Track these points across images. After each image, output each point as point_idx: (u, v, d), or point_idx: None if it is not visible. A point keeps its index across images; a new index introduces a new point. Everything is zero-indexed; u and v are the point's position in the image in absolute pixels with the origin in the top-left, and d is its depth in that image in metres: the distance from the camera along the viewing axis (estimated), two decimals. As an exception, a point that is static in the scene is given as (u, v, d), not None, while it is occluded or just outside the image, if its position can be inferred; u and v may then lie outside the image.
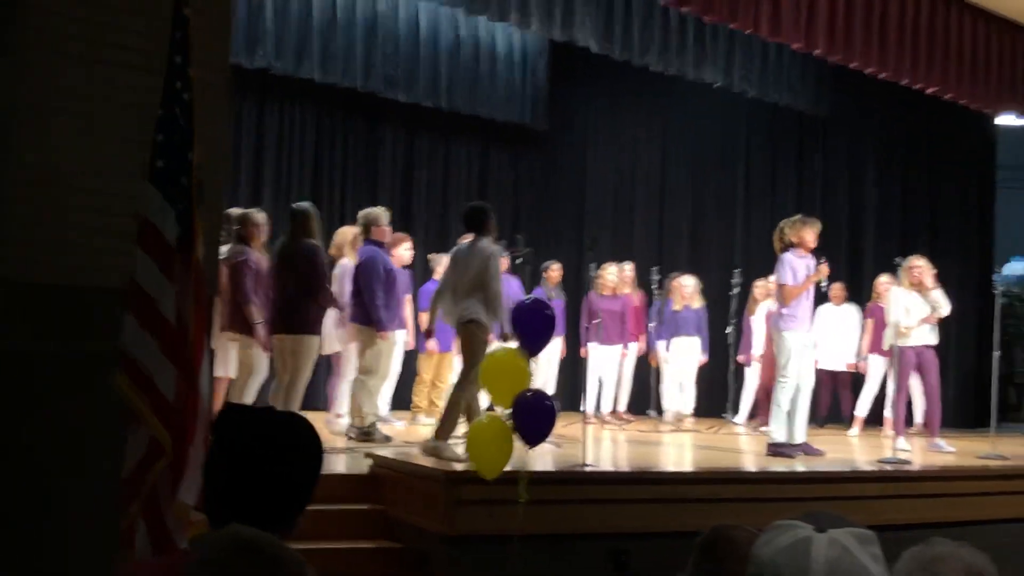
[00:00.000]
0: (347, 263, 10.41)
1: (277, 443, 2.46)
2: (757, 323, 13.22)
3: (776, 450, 9.69)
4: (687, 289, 13.38)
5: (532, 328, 7.39)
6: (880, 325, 12.70)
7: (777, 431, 9.77)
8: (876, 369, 12.97)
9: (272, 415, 2.59)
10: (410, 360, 12.09)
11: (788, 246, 9.85)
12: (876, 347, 12.82)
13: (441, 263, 12.08)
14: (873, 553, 2.05)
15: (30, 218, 5.68)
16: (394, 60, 13.83)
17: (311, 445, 2.54)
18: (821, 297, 13.53)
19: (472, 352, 8.15)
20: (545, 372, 12.64)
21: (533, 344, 7.38)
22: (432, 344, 11.68)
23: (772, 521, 2.18)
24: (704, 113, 15.82)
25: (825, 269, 9.83)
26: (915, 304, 11.02)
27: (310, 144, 13.93)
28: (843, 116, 15.42)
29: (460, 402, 8.12)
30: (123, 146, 5.71)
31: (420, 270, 13.27)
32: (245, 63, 12.33)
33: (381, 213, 10.21)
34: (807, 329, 9.91)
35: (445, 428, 8.07)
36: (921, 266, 11.17)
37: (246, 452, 2.44)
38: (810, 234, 9.86)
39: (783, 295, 9.75)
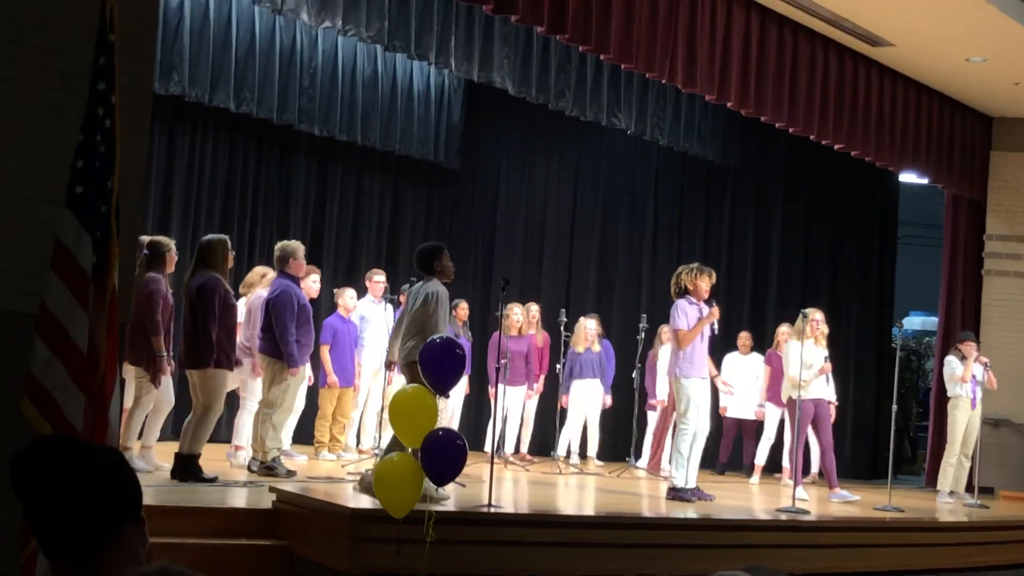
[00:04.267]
0: (262, 293, 10.33)
1: (42, 472, 2.44)
2: (661, 366, 13.33)
3: (675, 494, 9.86)
4: (588, 331, 13.46)
5: (442, 367, 7.38)
6: (776, 374, 12.91)
7: (678, 476, 9.91)
8: (772, 417, 13.16)
9: (35, 449, 2.57)
10: (314, 394, 12.01)
11: (683, 292, 10.07)
12: (772, 396, 13.03)
13: (342, 297, 12.06)
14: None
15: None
16: (310, 93, 13.78)
17: (78, 457, 2.50)
18: (729, 345, 13.73)
19: None
20: (450, 410, 12.65)
21: (442, 382, 7.37)
22: (333, 378, 11.66)
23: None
24: (615, 158, 16.01)
25: (716, 312, 10.07)
26: (814, 357, 11.20)
27: (221, 174, 13.78)
28: (751, 167, 15.70)
29: None
30: (47, 171, 5.63)
31: (327, 303, 13.20)
32: (159, 88, 12.18)
33: (298, 247, 10.16)
34: (704, 375, 10.10)
35: None
36: (819, 319, 11.37)
37: (25, 491, 2.44)
38: (705, 283, 10.11)
39: (677, 340, 9.96)
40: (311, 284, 10.90)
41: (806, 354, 11.03)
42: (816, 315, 11.36)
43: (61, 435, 2.63)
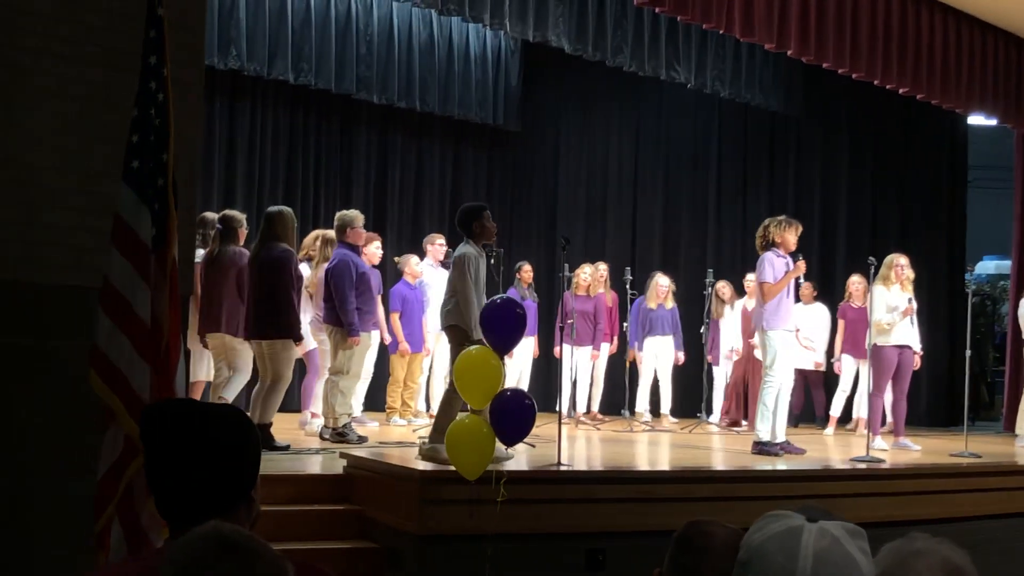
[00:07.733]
0: (324, 266, 10.39)
1: (198, 433, 2.43)
2: (725, 323, 13.28)
3: (761, 448, 9.74)
4: (661, 287, 13.40)
5: (502, 327, 7.37)
6: (851, 325, 12.77)
7: (763, 430, 9.81)
8: (849, 370, 13.03)
9: (192, 407, 2.57)
10: (384, 360, 12.07)
11: (770, 245, 9.94)
12: (848, 347, 12.89)
13: (408, 264, 12.07)
14: (862, 547, 2.07)
15: (3, 217, 5.65)
16: (368, 61, 13.81)
17: (235, 428, 2.49)
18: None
19: (453, 355, 8.11)
20: (518, 371, 12.70)
21: (503, 343, 7.36)
22: (404, 345, 11.69)
23: (748, 519, 2.19)
24: (677, 113, 15.88)
25: (802, 265, 9.93)
26: (898, 300, 11.02)
27: (283, 145, 13.89)
28: (815, 116, 15.47)
29: (453, 402, 7.96)
30: (101, 145, 5.68)
31: (391, 270, 13.25)
32: (217, 64, 12.28)
33: (356, 216, 10.19)
34: (790, 327, 9.99)
35: (440, 430, 7.81)
36: (904, 264, 11.19)
37: (170, 447, 2.43)
38: (792, 235, 9.97)
39: (763, 293, 9.83)
40: (374, 251, 10.99)
41: (891, 298, 10.90)
42: (900, 260, 11.17)
43: (193, 400, 2.61)
